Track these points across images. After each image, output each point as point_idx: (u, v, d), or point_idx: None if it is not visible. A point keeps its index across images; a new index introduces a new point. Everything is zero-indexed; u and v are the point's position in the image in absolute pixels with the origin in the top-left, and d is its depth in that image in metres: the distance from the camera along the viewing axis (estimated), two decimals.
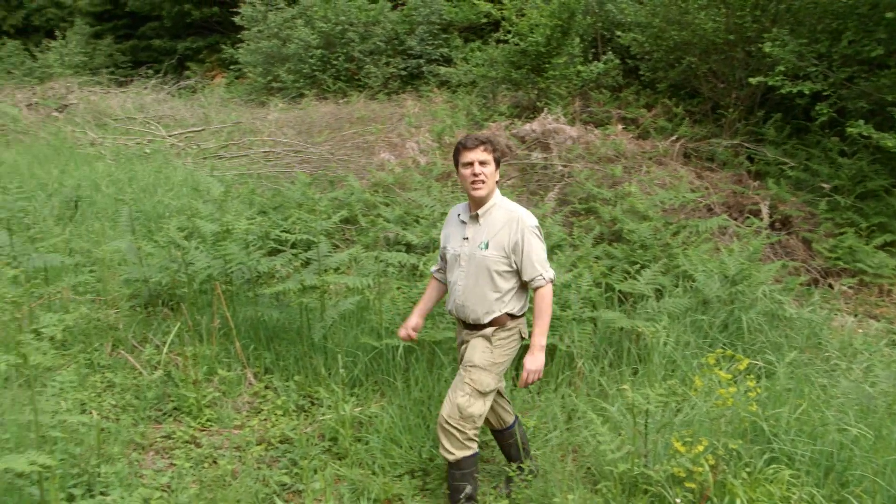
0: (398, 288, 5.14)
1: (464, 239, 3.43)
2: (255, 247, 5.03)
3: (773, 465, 3.31)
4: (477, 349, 3.37)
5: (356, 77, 15.65)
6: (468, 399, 3.28)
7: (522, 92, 11.33)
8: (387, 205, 7.06)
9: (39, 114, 14.86)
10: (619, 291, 5.26)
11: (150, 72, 19.93)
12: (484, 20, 14.73)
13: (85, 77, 18.47)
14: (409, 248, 5.98)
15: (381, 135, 10.44)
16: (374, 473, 3.64)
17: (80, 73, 19.50)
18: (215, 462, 3.74)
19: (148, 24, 23.65)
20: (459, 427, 3.26)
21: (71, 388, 4.07)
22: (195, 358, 4.43)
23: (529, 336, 3.39)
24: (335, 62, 15.65)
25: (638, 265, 5.62)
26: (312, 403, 4.33)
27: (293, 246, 5.42)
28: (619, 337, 4.75)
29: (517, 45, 10.67)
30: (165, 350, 4.58)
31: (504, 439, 3.65)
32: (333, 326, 4.65)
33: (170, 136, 12.34)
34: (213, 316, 4.74)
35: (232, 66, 18.98)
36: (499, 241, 3.34)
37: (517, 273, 3.36)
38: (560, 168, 8.10)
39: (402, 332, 3.66)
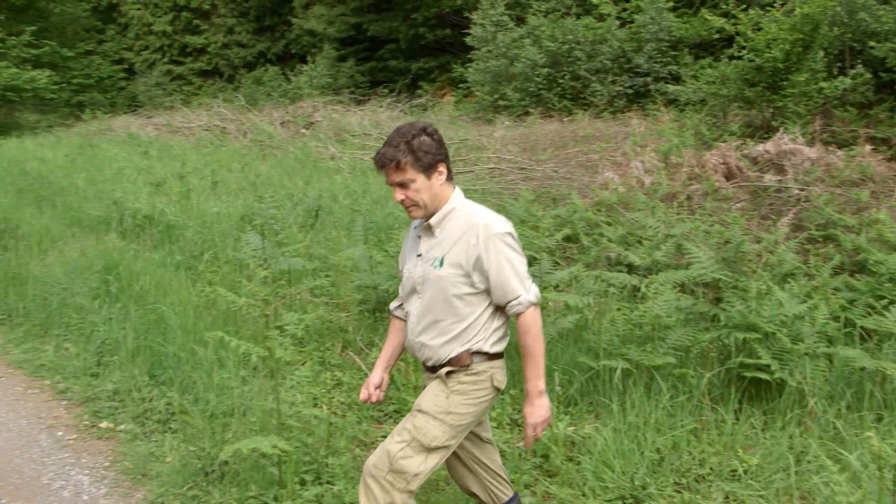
0: (618, 309, 5.05)
1: (417, 256, 2.73)
2: None
3: None
4: (428, 391, 2.69)
5: (581, 95, 15.62)
6: (403, 449, 2.57)
7: (756, 110, 10.72)
8: (609, 224, 6.97)
9: (290, 130, 16.33)
10: (862, 328, 4.80)
11: (386, 91, 21.20)
12: (716, 36, 14.16)
13: (329, 97, 20.03)
14: (631, 269, 5.86)
15: (606, 153, 10.33)
16: (583, 495, 3.58)
17: (325, 93, 21.19)
18: None
19: (386, 46, 25.18)
20: (385, 481, 2.54)
21: (306, 383, 4.42)
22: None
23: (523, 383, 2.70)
24: (561, 80, 15.73)
25: (885, 300, 5.09)
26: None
27: None
28: (859, 377, 4.33)
29: (752, 61, 10.12)
30: None
31: None
32: (551, 344, 4.66)
33: None
34: None
35: (461, 85, 19.69)
36: (455, 255, 2.60)
37: (487, 294, 2.63)
38: (796, 192, 7.56)
39: (363, 394, 2.95)
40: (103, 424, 4.34)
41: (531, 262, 5.12)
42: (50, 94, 23.93)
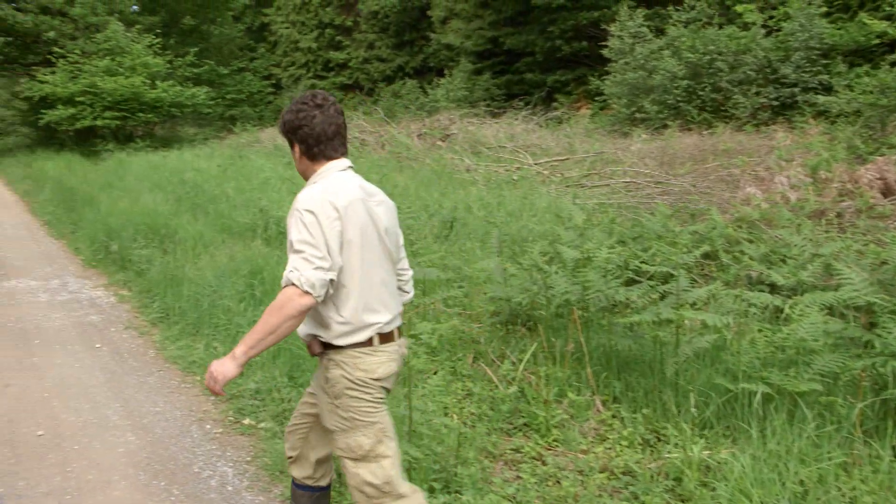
0: (759, 330, 4.85)
1: None
2: (613, 276, 5.10)
3: None
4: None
5: (722, 108, 15.12)
6: (355, 473, 2.64)
7: None
8: (751, 241, 6.70)
9: (426, 143, 16.66)
10: None
11: (522, 104, 21.27)
12: (875, 41, 13.33)
13: (465, 109, 20.32)
14: (774, 289, 5.61)
15: (747, 168, 9.94)
16: None
17: (461, 106, 21.53)
18: (559, 482, 3.83)
19: (522, 59, 25.28)
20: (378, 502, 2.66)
21: (437, 392, 4.51)
22: (547, 378, 4.60)
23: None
24: (701, 93, 15.29)
25: None
26: (658, 439, 4.24)
27: (650, 278, 5.40)
28: None
29: None
30: (521, 368, 4.82)
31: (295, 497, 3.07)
32: (686, 363, 4.53)
33: (536, 164, 13.03)
34: (567, 340, 4.89)
35: (597, 98, 19.50)
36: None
37: None
38: None
39: None
40: (246, 421, 4.58)
41: (667, 278, 5.00)
42: (206, 109, 25.63)
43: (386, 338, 2.63)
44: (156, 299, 7.00)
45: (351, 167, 2.69)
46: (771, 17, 15.80)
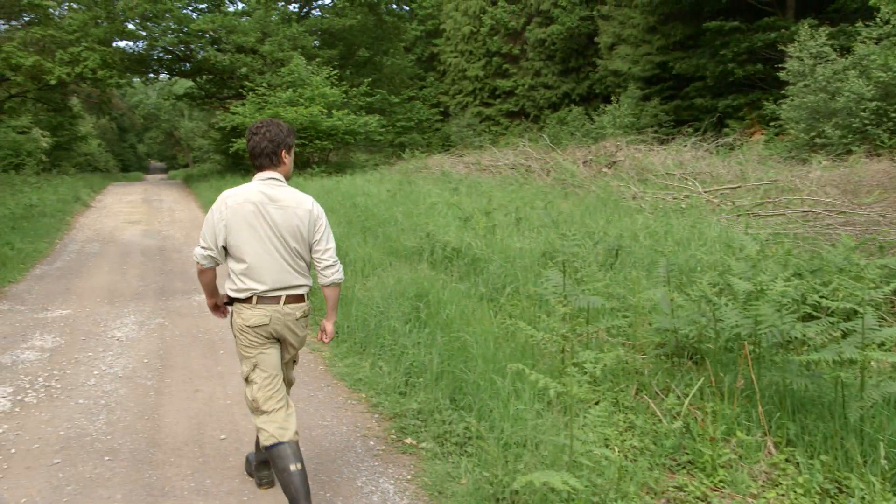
0: None
1: None
2: (789, 310, 4.81)
3: None
4: None
5: None
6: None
7: None
8: None
9: (592, 169, 16.51)
10: None
11: (691, 130, 20.64)
12: None
13: (632, 136, 19.96)
14: None
15: None
16: None
17: (627, 132, 21.20)
18: None
19: (692, 84, 24.57)
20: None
21: (599, 423, 4.41)
22: (714, 415, 4.40)
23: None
24: (893, 115, 14.17)
25: None
26: (840, 490, 3.93)
27: (831, 314, 5.04)
28: None
29: None
30: (687, 402, 4.64)
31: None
32: (874, 408, 4.18)
33: (705, 192, 12.57)
34: (737, 375, 4.66)
35: (772, 123, 18.59)
36: None
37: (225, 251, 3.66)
38: None
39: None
40: (408, 440, 4.69)
41: (849, 315, 4.67)
42: (378, 136, 26.78)
43: (264, 300, 3.62)
44: None
45: (273, 178, 3.64)
46: None
